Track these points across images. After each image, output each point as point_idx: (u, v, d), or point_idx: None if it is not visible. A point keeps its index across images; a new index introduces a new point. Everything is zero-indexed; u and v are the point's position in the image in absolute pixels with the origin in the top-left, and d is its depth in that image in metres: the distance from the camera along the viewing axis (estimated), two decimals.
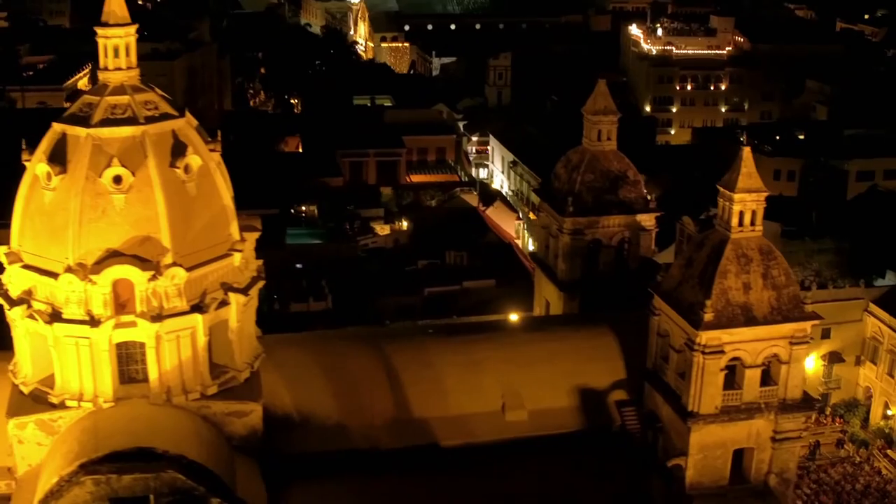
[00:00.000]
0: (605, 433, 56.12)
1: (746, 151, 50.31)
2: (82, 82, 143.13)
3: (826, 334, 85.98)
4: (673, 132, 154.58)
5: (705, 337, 49.57)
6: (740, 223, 50.84)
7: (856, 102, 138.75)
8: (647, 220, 66.50)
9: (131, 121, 49.37)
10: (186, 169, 50.42)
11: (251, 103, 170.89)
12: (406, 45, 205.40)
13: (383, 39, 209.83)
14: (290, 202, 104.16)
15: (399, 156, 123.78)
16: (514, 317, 71.38)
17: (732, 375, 52.05)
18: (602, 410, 56.82)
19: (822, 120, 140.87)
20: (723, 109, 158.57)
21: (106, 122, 49.05)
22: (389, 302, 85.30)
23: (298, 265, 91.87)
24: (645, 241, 66.61)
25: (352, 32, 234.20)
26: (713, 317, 49.42)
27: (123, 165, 48.52)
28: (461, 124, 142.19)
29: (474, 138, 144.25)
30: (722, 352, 50.04)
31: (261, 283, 56.55)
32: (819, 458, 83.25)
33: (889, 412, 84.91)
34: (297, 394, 55.42)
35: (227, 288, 52.69)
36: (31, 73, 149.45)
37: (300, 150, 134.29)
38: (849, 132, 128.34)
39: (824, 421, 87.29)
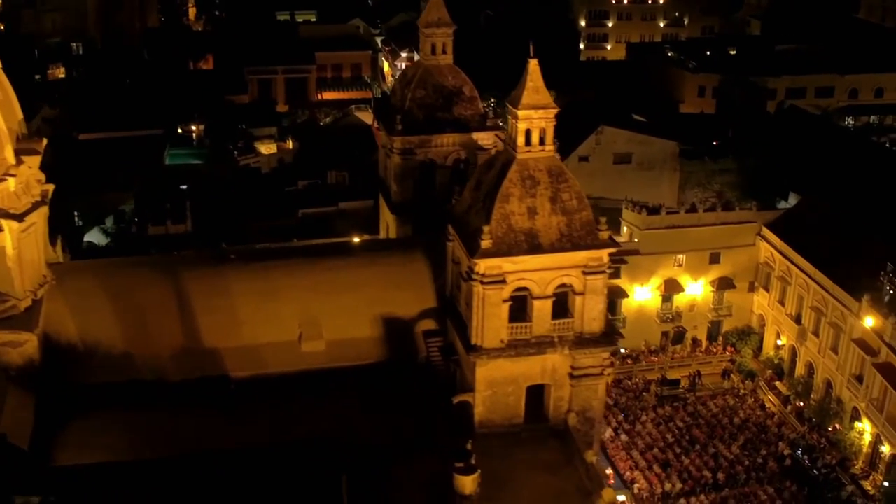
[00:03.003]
0: (408, 365, 53.16)
1: (532, 64, 46.16)
2: None
3: (716, 259, 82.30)
4: (609, 47, 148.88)
5: (483, 265, 45.94)
6: (527, 142, 46.90)
7: (790, 17, 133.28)
8: (485, 138, 62.52)
9: None
10: None
11: (183, 21, 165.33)
12: None
13: None
14: (175, 122, 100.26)
15: (308, 73, 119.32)
16: (356, 240, 68.00)
17: (525, 307, 48.68)
18: (408, 341, 53.76)
19: (755, 35, 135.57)
20: (661, 24, 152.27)
21: None
22: (262, 224, 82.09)
23: (183, 186, 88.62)
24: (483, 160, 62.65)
25: None
26: (492, 244, 45.72)
27: None
28: (379, 40, 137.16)
29: (403, 54, 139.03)
30: (503, 281, 46.40)
31: (43, 209, 53.70)
32: (700, 389, 80.00)
33: (780, 342, 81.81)
34: (84, 323, 52.84)
35: (2, 214, 49.98)
36: None
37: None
38: (781, 47, 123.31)
39: (714, 350, 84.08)
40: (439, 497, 44.44)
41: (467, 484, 43.53)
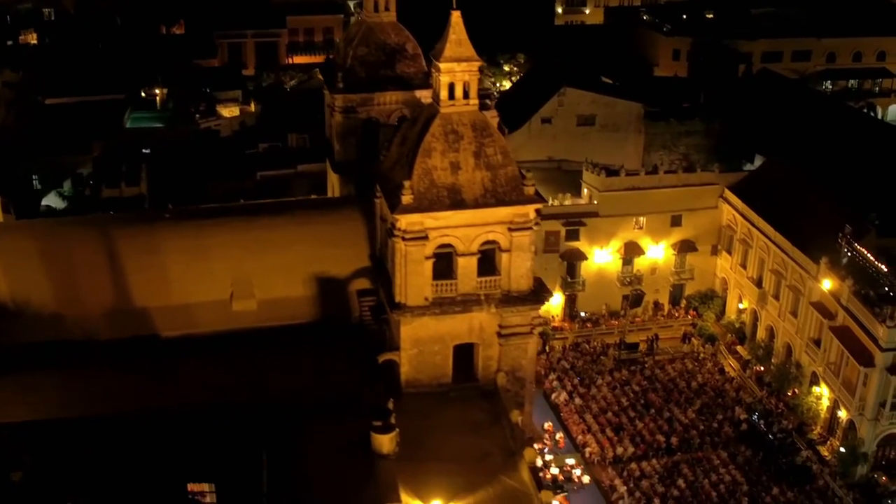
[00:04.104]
0: (341, 324, 52.56)
1: (455, 16, 45.13)
2: None
3: (677, 221, 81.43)
4: (588, 11, 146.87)
5: (404, 221, 45.11)
6: (451, 96, 46.02)
7: None
8: (429, 96, 61.09)
9: None
10: None
11: None
12: None
13: None
14: (139, 86, 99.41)
15: (279, 36, 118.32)
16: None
17: (451, 264, 47.92)
18: (341, 300, 53.11)
19: None
20: None
21: None
22: (219, 185, 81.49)
23: (145, 150, 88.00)
24: None
25: None
26: (413, 199, 44.90)
27: None
28: (352, 3, 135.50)
29: None
30: (425, 238, 45.52)
31: None
32: (658, 353, 79.48)
33: (741, 305, 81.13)
34: (15, 282, 52.10)
35: None
36: None
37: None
38: (757, 11, 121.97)
39: (676, 314, 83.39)
40: (360, 457, 43.95)
41: (385, 443, 43.02)
